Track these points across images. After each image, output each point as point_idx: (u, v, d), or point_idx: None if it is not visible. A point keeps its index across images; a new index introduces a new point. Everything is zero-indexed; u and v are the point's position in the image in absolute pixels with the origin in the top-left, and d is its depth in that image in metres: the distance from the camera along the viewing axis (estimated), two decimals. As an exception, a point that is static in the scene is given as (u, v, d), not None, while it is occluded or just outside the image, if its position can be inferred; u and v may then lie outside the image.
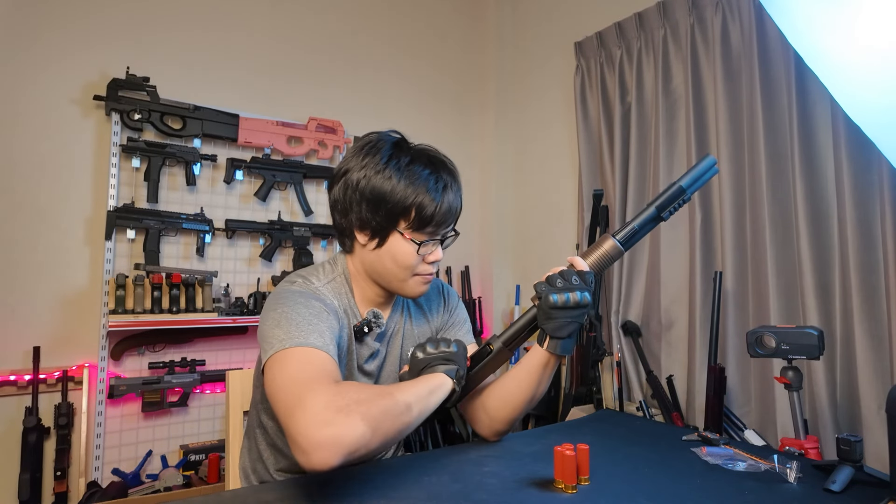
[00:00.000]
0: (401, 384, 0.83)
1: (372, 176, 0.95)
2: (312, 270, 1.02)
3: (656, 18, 2.29)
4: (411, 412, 0.78)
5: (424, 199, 0.93)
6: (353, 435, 0.68)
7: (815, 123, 1.81)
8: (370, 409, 0.71)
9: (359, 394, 0.73)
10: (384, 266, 0.98)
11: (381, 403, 0.74)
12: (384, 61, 2.91)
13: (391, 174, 0.94)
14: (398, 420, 0.75)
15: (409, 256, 0.96)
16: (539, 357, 0.95)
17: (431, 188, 0.94)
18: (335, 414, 0.68)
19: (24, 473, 1.90)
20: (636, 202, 2.35)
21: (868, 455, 1.58)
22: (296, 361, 0.78)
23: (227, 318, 2.23)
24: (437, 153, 1.01)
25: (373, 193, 0.94)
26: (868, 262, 1.65)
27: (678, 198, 0.94)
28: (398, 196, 0.93)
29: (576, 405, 2.32)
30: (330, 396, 0.70)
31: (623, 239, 0.94)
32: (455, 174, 1.00)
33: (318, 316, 0.87)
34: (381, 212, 0.94)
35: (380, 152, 0.97)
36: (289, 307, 0.87)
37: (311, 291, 0.95)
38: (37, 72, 2.05)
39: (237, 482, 1.12)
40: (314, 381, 0.74)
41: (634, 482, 0.84)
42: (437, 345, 0.90)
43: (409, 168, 0.95)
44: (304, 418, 0.68)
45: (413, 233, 0.95)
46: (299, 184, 2.53)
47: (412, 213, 0.94)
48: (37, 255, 2.03)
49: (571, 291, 0.89)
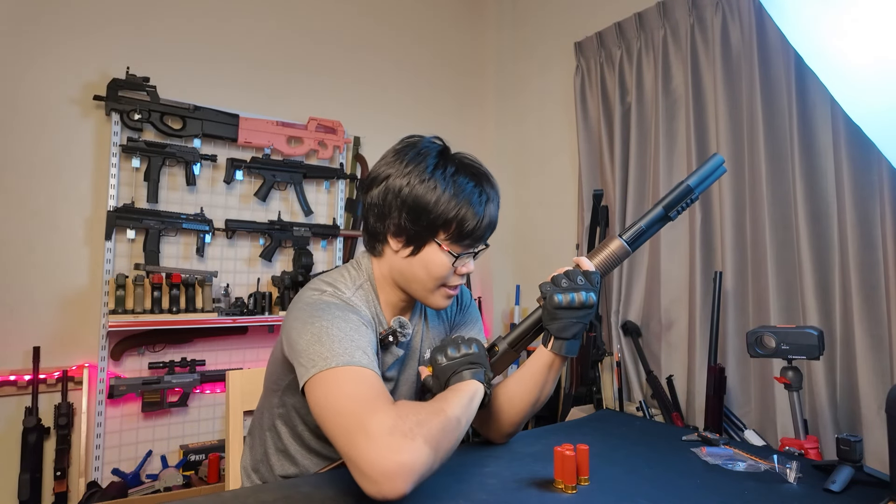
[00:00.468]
0: (444, 397, 0.80)
1: (416, 184, 0.92)
2: (338, 277, 0.99)
3: (656, 18, 2.29)
4: (461, 426, 0.77)
5: (468, 212, 0.91)
6: (421, 460, 0.68)
7: (815, 123, 1.81)
8: (431, 430, 0.70)
9: (417, 414, 0.72)
10: (414, 274, 0.95)
11: (438, 422, 0.72)
12: (384, 61, 2.91)
13: (436, 184, 0.91)
14: (453, 436, 0.75)
15: (442, 267, 0.94)
16: (544, 358, 0.94)
17: (475, 202, 0.92)
18: (402, 440, 0.68)
19: (24, 473, 1.90)
20: (636, 202, 2.35)
21: (868, 455, 1.58)
22: (348, 382, 0.76)
23: (227, 318, 2.23)
24: (480, 165, 0.99)
25: (416, 202, 0.91)
26: (868, 261, 1.65)
27: (686, 197, 0.93)
28: (442, 207, 0.91)
29: (576, 405, 2.32)
30: (393, 420, 0.69)
31: (630, 239, 0.93)
32: (496, 188, 0.99)
33: (357, 331, 0.85)
34: (422, 221, 0.92)
35: (425, 160, 0.94)
36: (327, 321, 0.84)
37: (344, 303, 0.92)
38: (37, 72, 2.05)
39: (237, 482, 1.12)
40: (373, 404, 0.72)
41: (634, 482, 0.84)
42: (458, 347, 0.87)
43: (454, 179, 0.93)
44: (372, 447, 0.67)
45: (451, 244, 0.93)
46: (299, 184, 2.53)
47: (453, 225, 0.92)
48: (37, 255, 2.03)
49: (577, 292, 0.88)
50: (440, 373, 0.86)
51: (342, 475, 0.85)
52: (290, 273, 2.42)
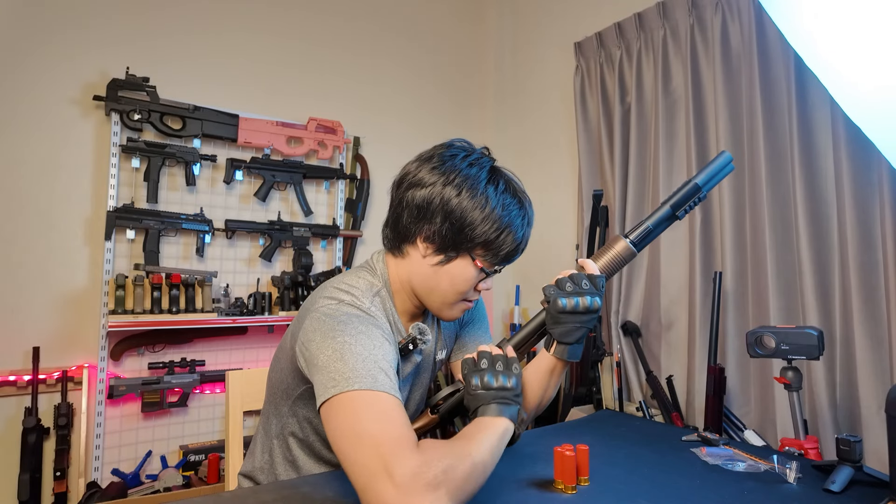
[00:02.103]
0: (472, 435, 0.76)
1: (466, 198, 0.90)
2: (354, 282, 0.95)
3: (656, 19, 2.29)
4: (487, 471, 0.74)
5: (510, 236, 0.92)
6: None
7: (814, 124, 1.81)
8: (455, 479, 0.69)
9: (443, 459, 0.69)
10: (438, 284, 0.94)
11: (464, 470, 0.70)
12: (384, 62, 2.91)
13: (486, 202, 0.90)
14: (478, 483, 0.73)
15: (468, 282, 0.93)
16: (546, 362, 0.94)
17: (517, 225, 0.93)
18: (425, 489, 0.66)
19: (24, 474, 1.89)
20: (636, 202, 2.35)
21: (868, 455, 1.57)
22: (371, 411, 0.73)
23: (226, 318, 2.22)
24: (519, 182, 0.99)
25: (463, 215, 0.90)
26: (868, 262, 1.65)
27: (693, 196, 0.92)
28: (488, 226, 0.90)
29: (575, 405, 2.32)
30: (418, 466, 0.67)
31: (636, 239, 0.92)
32: (532, 207, 0.99)
33: (381, 348, 0.82)
34: (464, 235, 0.90)
35: (479, 175, 0.92)
36: (350, 336, 0.81)
37: (364, 313, 0.88)
38: (37, 72, 2.05)
39: (237, 482, 1.12)
40: (398, 444, 0.69)
41: (634, 482, 0.84)
42: (497, 376, 0.82)
43: (502, 199, 0.92)
44: (394, 493, 0.65)
45: (484, 261, 0.93)
46: (299, 184, 2.53)
47: (493, 245, 0.91)
48: (36, 256, 2.03)
49: (581, 296, 0.87)
50: (471, 399, 0.82)
51: (340, 476, 0.85)
52: (289, 273, 2.42)
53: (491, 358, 0.84)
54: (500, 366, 0.83)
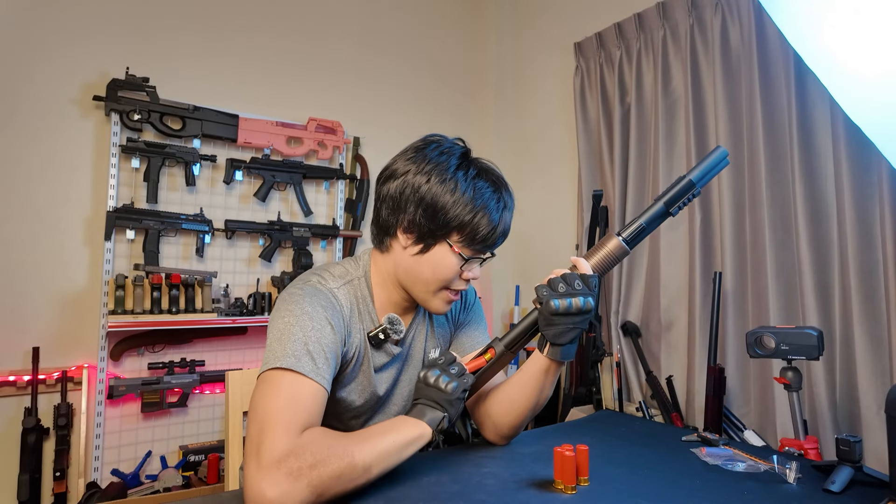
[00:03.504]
0: (375, 434, 0.79)
1: (436, 183, 0.91)
2: (332, 267, 1.00)
3: (656, 19, 2.30)
4: (369, 473, 0.75)
5: (484, 218, 0.91)
6: (291, 502, 0.69)
7: (814, 124, 1.81)
8: (322, 476, 0.71)
9: (315, 455, 0.72)
10: (420, 273, 0.95)
11: (336, 468, 0.72)
12: (384, 62, 2.91)
13: (456, 185, 0.91)
14: (351, 483, 0.74)
15: (449, 269, 0.93)
16: (540, 363, 0.93)
17: (492, 208, 0.93)
18: (285, 478, 0.69)
19: (24, 474, 1.89)
20: (636, 203, 2.35)
21: (867, 455, 1.58)
22: (277, 392, 0.78)
23: (226, 318, 2.22)
24: (499, 171, 0.99)
25: (434, 200, 0.91)
26: (867, 262, 1.65)
27: (687, 192, 0.91)
28: (459, 209, 0.91)
29: (575, 406, 2.32)
30: (286, 452, 0.71)
31: (629, 237, 0.91)
32: (513, 196, 0.99)
33: (318, 330, 0.85)
34: (438, 220, 0.91)
35: (448, 160, 0.93)
36: (294, 317, 0.86)
37: (324, 291, 0.92)
38: (36, 72, 2.05)
39: (237, 482, 1.12)
40: (280, 425, 0.74)
41: (634, 483, 0.84)
42: (439, 378, 0.86)
43: (475, 183, 0.92)
44: (258, 471, 0.70)
45: (462, 247, 0.93)
46: (299, 184, 2.53)
47: (468, 228, 0.91)
48: (36, 256, 2.03)
49: (574, 297, 0.86)
50: (416, 388, 0.88)
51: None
52: (289, 273, 2.42)
53: (448, 359, 0.89)
54: (453, 369, 0.87)
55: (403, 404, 1.07)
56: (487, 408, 1.01)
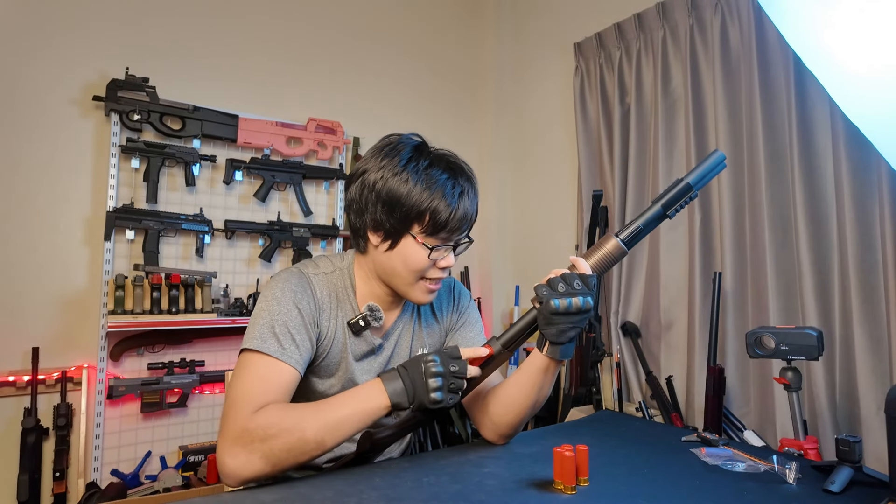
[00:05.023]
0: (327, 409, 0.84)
1: (389, 178, 0.93)
2: (321, 259, 1.05)
3: (655, 19, 2.30)
4: (323, 446, 0.82)
5: (440, 204, 0.92)
6: (248, 471, 0.80)
7: (814, 124, 1.81)
8: (272, 448, 0.80)
9: (268, 429, 0.80)
10: (394, 268, 0.97)
11: (286, 441, 0.80)
12: (384, 62, 2.91)
13: (408, 177, 0.93)
14: (304, 455, 0.81)
15: (419, 261, 0.95)
16: (539, 362, 0.94)
17: (448, 193, 0.93)
18: (240, 449, 0.80)
19: (23, 474, 1.89)
20: (636, 203, 2.35)
21: (867, 455, 1.58)
22: (246, 372, 0.88)
23: (226, 318, 2.22)
24: (457, 158, 1.00)
25: (389, 195, 0.93)
26: (867, 262, 1.65)
27: (685, 195, 0.92)
28: (414, 199, 0.92)
29: (575, 406, 2.32)
30: (241, 428, 0.81)
31: (627, 238, 0.92)
32: (473, 181, 0.99)
33: (285, 314, 0.92)
34: (396, 214, 0.93)
35: (399, 154, 0.95)
36: (265, 301, 0.94)
37: (301, 275, 0.98)
38: (36, 72, 2.05)
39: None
40: (243, 404, 0.83)
41: (634, 483, 0.84)
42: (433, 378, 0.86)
43: (427, 172, 0.94)
44: (222, 445, 0.81)
45: (426, 237, 0.94)
46: (299, 184, 2.53)
47: (426, 217, 0.93)
48: (36, 256, 2.03)
49: (574, 296, 0.87)
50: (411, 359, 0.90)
51: (340, 476, 0.86)
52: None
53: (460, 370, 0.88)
54: (452, 383, 0.87)
55: None
56: (486, 407, 1.01)
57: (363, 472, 0.87)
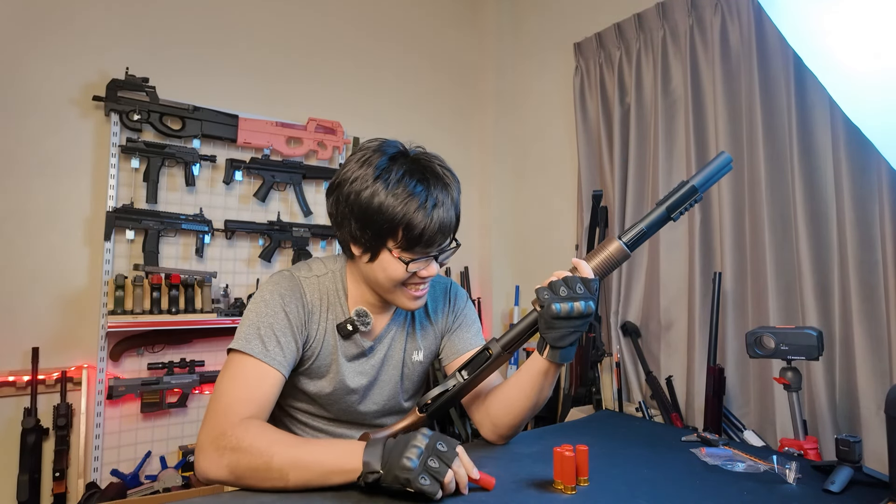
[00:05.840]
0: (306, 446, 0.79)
1: (361, 191, 0.90)
2: (315, 261, 1.07)
3: (655, 19, 2.30)
4: (286, 480, 0.76)
5: (412, 218, 0.89)
6: (215, 474, 0.80)
7: (814, 124, 1.81)
8: (238, 463, 0.78)
9: (240, 441, 0.79)
10: (376, 279, 0.97)
11: (252, 461, 0.77)
12: (383, 62, 2.91)
13: (380, 189, 0.89)
14: (266, 482, 0.77)
15: (398, 272, 0.93)
16: (539, 365, 0.93)
17: (420, 207, 0.89)
18: (213, 453, 0.80)
19: (23, 474, 1.89)
20: (635, 203, 2.35)
21: (867, 455, 1.58)
22: (232, 371, 0.89)
23: (226, 318, 2.22)
24: (433, 164, 0.95)
25: (361, 210, 0.91)
26: (867, 262, 1.65)
27: (690, 198, 0.90)
28: (386, 215, 0.89)
29: (575, 406, 2.32)
30: (218, 433, 0.81)
31: (630, 241, 0.90)
32: (449, 187, 0.94)
33: (271, 316, 0.93)
34: (370, 229, 0.91)
35: (372, 165, 0.91)
36: (254, 303, 0.96)
37: (292, 278, 0.99)
38: (36, 72, 2.05)
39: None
40: (224, 407, 0.85)
41: (634, 483, 0.84)
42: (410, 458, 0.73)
43: (400, 183, 0.89)
44: (199, 437, 0.84)
45: (402, 252, 0.92)
46: (299, 184, 2.53)
47: (399, 232, 0.90)
48: (36, 256, 2.03)
49: (576, 301, 0.85)
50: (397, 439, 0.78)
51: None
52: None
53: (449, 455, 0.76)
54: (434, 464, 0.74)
55: (384, 403, 1.09)
56: (487, 408, 1.01)
57: (363, 472, 0.87)
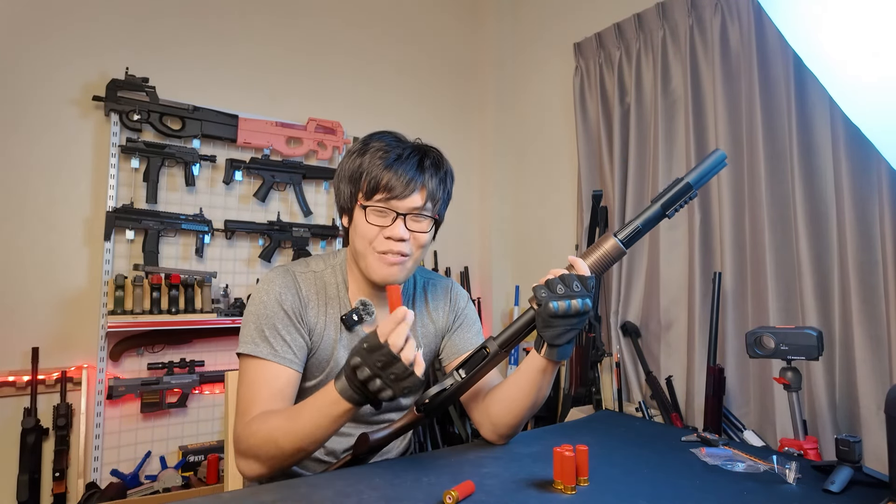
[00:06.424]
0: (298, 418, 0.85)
1: (346, 162, 1.01)
2: (314, 258, 1.09)
3: (655, 19, 2.30)
4: (304, 450, 0.86)
5: (372, 165, 0.97)
6: (251, 473, 0.89)
7: (813, 124, 1.81)
8: (259, 458, 0.88)
9: (249, 440, 0.88)
10: (354, 245, 1.00)
11: (268, 453, 0.86)
12: (383, 62, 2.91)
13: (357, 153, 1.00)
14: (290, 459, 0.87)
15: (368, 227, 0.97)
16: (537, 363, 0.93)
17: (382, 156, 0.97)
18: (240, 457, 0.90)
19: (23, 474, 1.89)
20: (635, 203, 2.35)
21: (867, 455, 1.58)
22: (247, 377, 0.95)
23: (226, 318, 2.22)
24: (413, 140, 1.05)
25: (341, 173, 1.02)
26: (867, 262, 1.65)
27: (684, 195, 0.90)
28: (354, 167, 0.99)
29: (575, 406, 2.32)
30: (238, 435, 0.90)
31: (625, 238, 0.91)
32: (425, 151, 1.01)
33: (270, 313, 0.96)
34: (344, 189, 1.00)
35: (360, 141, 1.03)
36: (253, 304, 0.98)
37: (288, 272, 1.02)
38: (36, 72, 2.05)
39: (236, 483, 1.12)
40: (242, 411, 0.92)
41: (633, 483, 0.84)
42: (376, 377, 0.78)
43: (373, 146, 1.00)
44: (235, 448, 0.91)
45: (365, 200, 0.97)
46: (298, 184, 2.53)
47: (363, 181, 0.97)
48: (36, 256, 2.03)
49: (573, 299, 0.86)
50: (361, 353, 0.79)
51: (340, 476, 0.86)
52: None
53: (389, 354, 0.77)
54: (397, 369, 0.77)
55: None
56: (486, 408, 1.01)
57: (363, 472, 0.87)
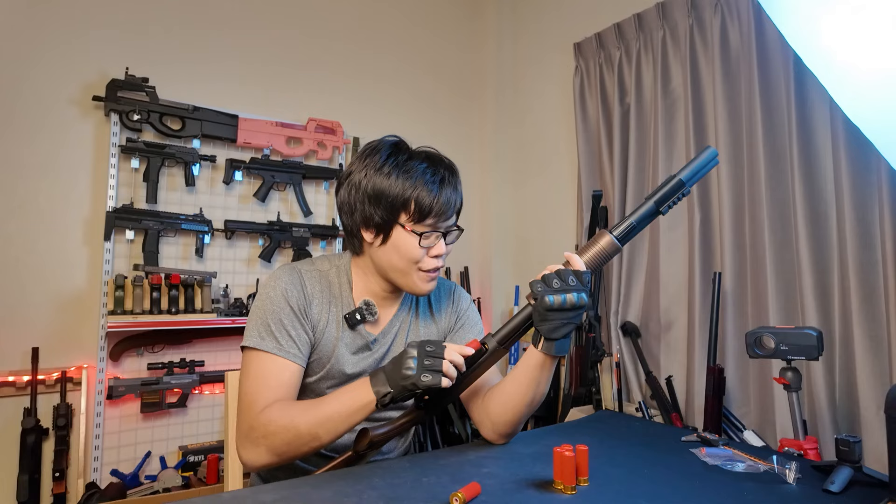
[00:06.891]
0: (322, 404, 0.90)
1: (372, 174, 0.99)
2: (320, 258, 1.10)
3: (655, 19, 2.30)
4: (319, 440, 0.89)
5: (422, 191, 0.97)
6: (258, 462, 0.91)
7: (813, 124, 1.81)
8: (274, 443, 0.89)
9: (268, 426, 0.89)
10: (390, 261, 1.00)
11: (284, 438, 0.88)
12: (383, 62, 2.91)
13: (390, 171, 0.98)
14: (304, 447, 0.89)
15: (411, 249, 0.98)
16: (535, 358, 0.94)
17: (428, 181, 0.98)
18: (250, 444, 0.91)
19: (23, 475, 1.89)
20: (635, 203, 2.35)
21: (867, 456, 1.58)
22: (249, 370, 0.95)
23: (226, 318, 2.22)
24: (436, 151, 1.05)
25: (374, 190, 0.98)
26: (867, 262, 1.65)
27: (677, 192, 0.93)
28: (397, 190, 0.97)
29: (575, 406, 2.32)
30: (250, 425, 0.91)
31: (620, 235, 0.93)
32: (453, 169, 1.04)
33: (277, 309, 0.97)
34: (383, 207, 0.98)
35: (379, 153, 1.01)
36: (260, 300, 0.99)
37: (294, 269, 1.03)
38: (36, 72, 2.05)
39: (236, 483, 1.12)
40: (252, 402, 0.92)
41: (633, 483, 0.84)
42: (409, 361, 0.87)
43: (407, 164, 0.99)
44: (238, 440, 0.93)
45: (414, 225, 0.98)
46: (298, 184, 2.53)
47: (411, 205, 0.97)
48: (36, 256, 2.03)
49: (568, 293, 0.87)
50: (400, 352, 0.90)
51: (340, 476, 0.86)
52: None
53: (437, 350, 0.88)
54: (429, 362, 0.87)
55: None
56: (485, 406, 1.01)
57: (363, 472, 0.87)
